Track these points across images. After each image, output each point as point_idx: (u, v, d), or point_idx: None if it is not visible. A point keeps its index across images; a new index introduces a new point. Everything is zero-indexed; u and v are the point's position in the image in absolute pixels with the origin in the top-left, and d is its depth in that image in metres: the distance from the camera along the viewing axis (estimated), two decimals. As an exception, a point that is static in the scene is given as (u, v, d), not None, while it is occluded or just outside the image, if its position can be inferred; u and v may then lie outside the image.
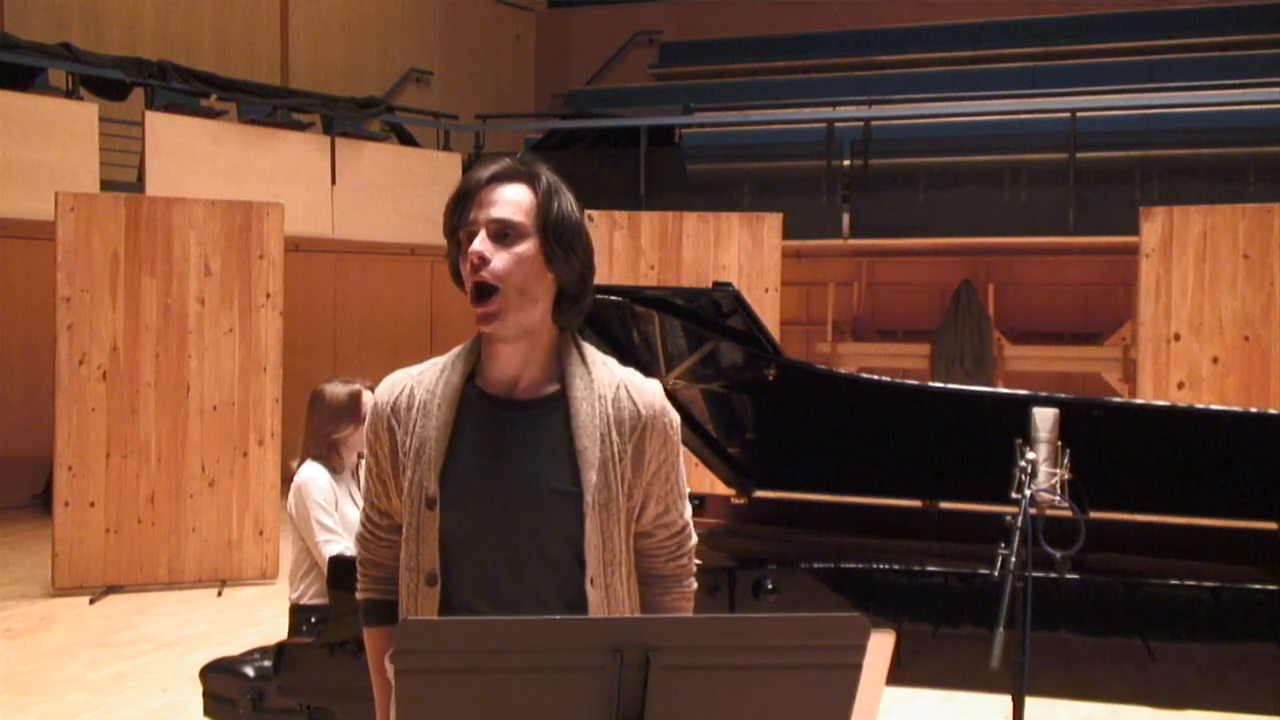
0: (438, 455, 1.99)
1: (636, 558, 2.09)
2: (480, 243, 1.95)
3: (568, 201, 2.01)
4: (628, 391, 2.03)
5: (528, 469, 1.99)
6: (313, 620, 4.01)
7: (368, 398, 4.16)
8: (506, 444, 2.00)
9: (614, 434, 2.00)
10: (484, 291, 1.96)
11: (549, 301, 2.01)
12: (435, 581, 1.99)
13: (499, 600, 1.98)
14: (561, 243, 1.98)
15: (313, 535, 4.04)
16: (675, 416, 2.08)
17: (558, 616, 1.89)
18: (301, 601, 4.14)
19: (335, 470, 4.15)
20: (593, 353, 2.08)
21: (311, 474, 4.09)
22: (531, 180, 2.00)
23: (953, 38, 13.97)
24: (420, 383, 2.06)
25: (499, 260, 1.95)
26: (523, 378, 2.03)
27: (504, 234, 1.96)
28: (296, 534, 4.14)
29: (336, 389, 4.15)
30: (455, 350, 2.09)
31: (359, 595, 2.18)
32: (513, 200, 1.98)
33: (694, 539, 2.17)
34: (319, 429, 4.14)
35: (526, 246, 1.97)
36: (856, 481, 3.99)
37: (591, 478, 1.97)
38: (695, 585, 2.18)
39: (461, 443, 2.01)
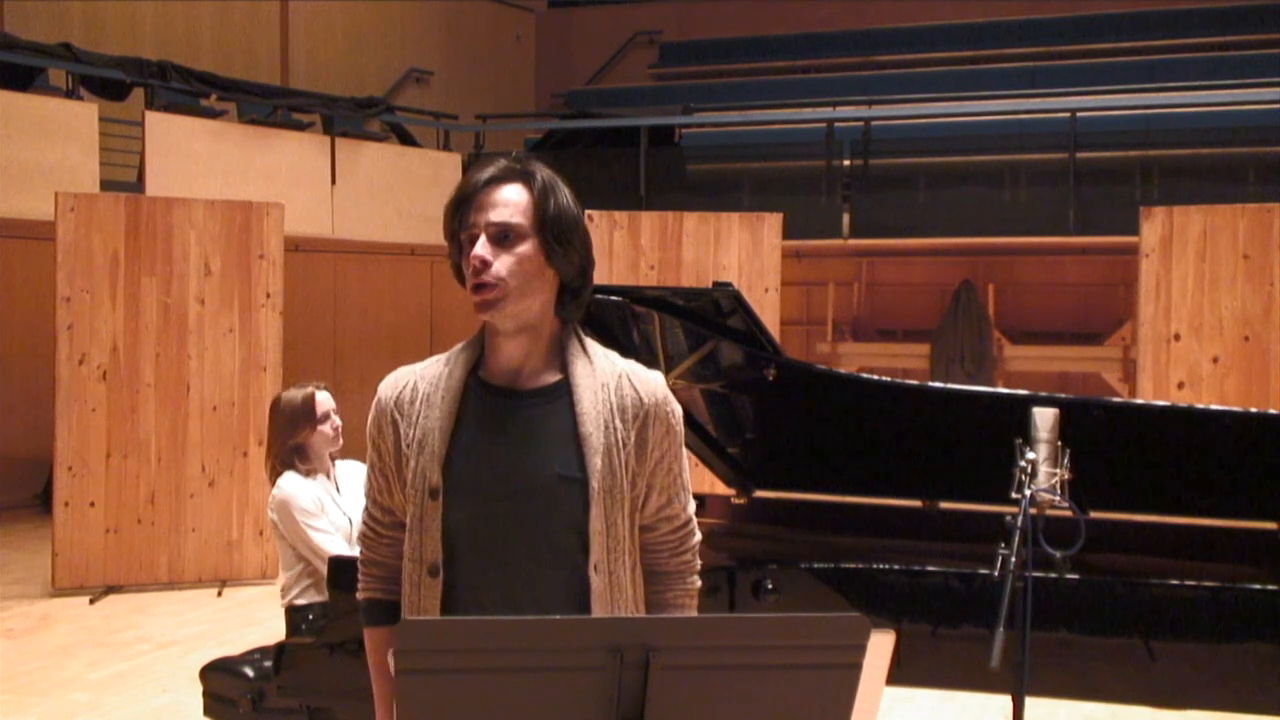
0: (441, 445, 2.01)
1: (639, 553, 2.09)
2: (481, 247, 1.98)
3: (564, 197, 2.04)
4: (630, 380, 2.06)
5: (531, 457, 2.00)
6: (310, 618, 4.01)
7: (322, 398, 4.18)
8: (509, 433, 2.02)
9: (617, 421, 2.02)
10: (485, 285, 1.99)
11: (550, 295, 2.05)
12: (438, 573, 2.01)
13: (501, 590, 1.99)
14: (560, 239, 2.02)
15: (309, 540, 4.03)
16: (677, 407, 2.10)
17: (558, 616, 1.89)
18: (296, 603, 4.14)
19: (312, 475, 4.16)
20: (594, 345, 2.10)
21: (291, 486, 4.09)
22: (527, 179, 2.03)
23: (953, 38, 13.97)
24: (423, 377, 2.08)
25: (500, 264, 1.98)
26: (525, 368, 2.05)
27: (504, 236, 1.99)
28: (284, 543, 4.13)
29: (291, 395, 4.19)
30: (458, 345, 2.12)
31: (360, 595, 2.18)
32: (511, 201, 2.01)
33: (697, 536, 2.18)
34: (277, 436, 4.17)
35: (526, 247, 2.00)
36: (856, 481, 3.99)
37: (597, 463, 1.99)
38: (699, 583, 2.18)
39: (464, 433, 2.03)
